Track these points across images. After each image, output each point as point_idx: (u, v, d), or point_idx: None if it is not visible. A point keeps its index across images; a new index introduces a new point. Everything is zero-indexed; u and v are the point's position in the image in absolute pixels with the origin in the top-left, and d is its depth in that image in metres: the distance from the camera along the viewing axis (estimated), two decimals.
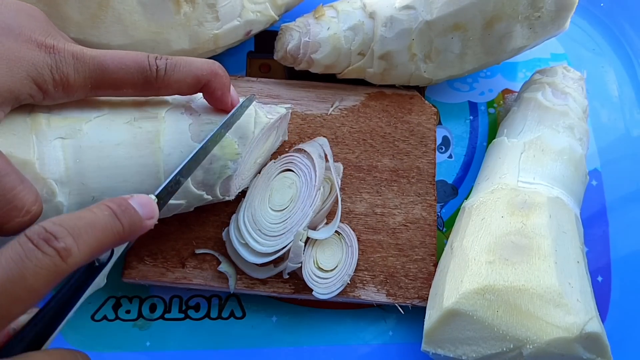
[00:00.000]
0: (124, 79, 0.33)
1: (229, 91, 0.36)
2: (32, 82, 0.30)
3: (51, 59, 0.31)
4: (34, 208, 0.29)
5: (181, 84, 0.34)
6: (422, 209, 0.45)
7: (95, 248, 0.26)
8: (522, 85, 0.49)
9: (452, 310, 0.35)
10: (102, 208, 0.27)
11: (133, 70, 0.33)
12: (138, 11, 0.40)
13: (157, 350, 0.43)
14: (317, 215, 0.41)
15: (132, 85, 0.33)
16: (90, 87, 0.33)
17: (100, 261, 0.29)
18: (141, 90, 0.34)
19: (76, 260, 0.25)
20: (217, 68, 0.35)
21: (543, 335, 0.33)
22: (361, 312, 0.44)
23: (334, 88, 0.48)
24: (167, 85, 0.34)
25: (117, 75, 0.32)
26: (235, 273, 0.42)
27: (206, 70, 0.35)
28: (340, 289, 0.41)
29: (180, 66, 0.34)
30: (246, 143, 0.37)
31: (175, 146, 0.35)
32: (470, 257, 0.37)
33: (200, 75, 0.34)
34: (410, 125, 0.47)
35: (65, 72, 0.31)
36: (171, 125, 0.35)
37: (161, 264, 0.42)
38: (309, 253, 0.41)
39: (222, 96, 0.36)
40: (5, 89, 0.29)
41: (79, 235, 0.25)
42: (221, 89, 0.35)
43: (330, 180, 0.42)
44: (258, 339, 0.43)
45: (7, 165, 0.29)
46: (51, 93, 0.32)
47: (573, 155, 0.42)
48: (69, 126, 0.33)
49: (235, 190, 0.40)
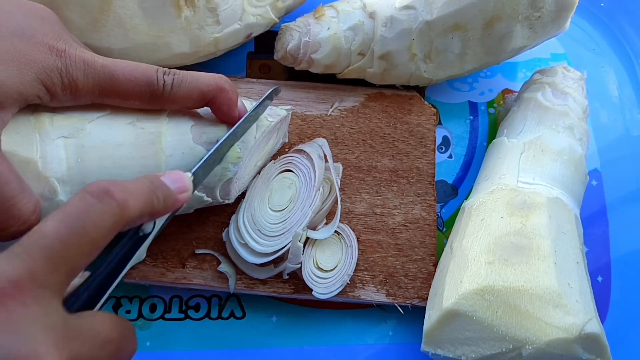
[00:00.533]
0: (132, 90, 0.33)
1: (236, 106, 0.36)
2: (40, 84, 0.31)
3: (61, 62, 0.31)
4: (32, 218, 0.30)
5: (186, 99, 0.35)
6: (422, 209, 0.45)
7: (144, 210, 0.27)
8: (522, 85, 0.49)
9: (451, 310, 0.35)
10: (140, 180, 0.28)
11: (142, 83, 0.33)
12: (139, 15, 0.40)
13: (157, 350, 0.43)
14: (316, 216, 0.41)
15: (139, 97, 0.34)
16: (98, 94, 0.33)
17: (144, 231, 0.30)
18: (148, 102, 0.34)
19: (131, 214, 0.27)
20: (224, 83, 0.35)
21: (542, 335, 0.33)
22: (361, 312, 0.44)
23: (334, 89, 0.48)
24: (173, 101, 0.34)
25: (126, 86, 0.33)
26: (235, 273, 0.42)
27: (212, 86, 0.35)
28: (340, 288, 0.41)
29: (186, 82, 0.34)
30: (248, 147, 0.37)
31: (177, 147, 0.35)
32: (470, 258, 0.37)
33: (206, 90, 0.35)
34: (410, 126, 0.47)
35: (74, 77, 0.32)
36: (173, 127, 0.35)
37: (161, 264, 0.42)
38: (308, 253, 0.41)
39: (229, 110, 0.36)
40: (14, 91, 0.30)
41: (131, 194, 0.27)
42: (227, 104, 0.36)
43: (330, 180, 0.42)
44: (258, 339, 0.44)
45: (10, 172, 0.29)
46: (59, 96, 0.32)
47: (573, 155, 0.42)
48: (72, 125, 0.33)
49: (235, 193, 0.40)
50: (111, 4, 0.39)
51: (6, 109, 0.30)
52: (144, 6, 0.40)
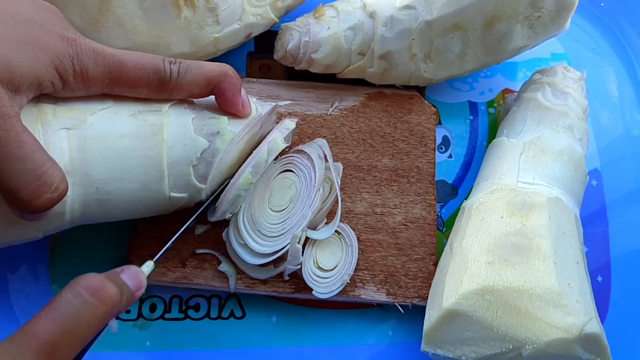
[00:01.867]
0: (140, 78, 0.34)
1: (240, 92, 0.37)
2: (54, 69, 0.31)
3: (72, 50, 0.32)
4: (62, 185, 0.30)
5: (193, 85, 0.35)
6: (422, 209, 0.45)
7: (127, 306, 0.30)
8: (522, 85, 0.49)
9: (451, 310, 0.35)
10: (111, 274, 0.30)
11: (149, 71, 0.34)
12: (139, 15, 0.40)
13: (157, 350, 0.43)
14: (317, 215, 0.41)
15: (147, 85, 0.34)
16: (108, 83, 0.34)
17: None
18: (155, 91, 0.35)
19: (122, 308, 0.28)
20: (228, 70, 0.36)
21: (542, 336, 0.33)
22: (361, 312, 0.44)
23: (334, 88, 0.48)
24: (180, 88, 0.35)
25: (134, 74, 0.34)
26: (235, 273, 0.42)
27: (217, 72, 0.36)
28: (340, 288, 0.41)
29: (192, 69, 0.35)
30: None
31: (178, 139, 0.35)
32: (470, 258, 0.37)
33: (211, 77, 0.36)
34: (410, 125, 0.47)
35: (85, 64, 0.32)
36: (175, 119, 0.36)
37: (162, 263, 0.42)
38: (308, 253, 0.41)
39: (233, 97, 0.37)
40: (30, 74, 0.30)
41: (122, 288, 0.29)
42: (232, 89, 0.36)
43: (330, 180, 0.42)
44: (258, 338, 0.44)
45: (36, 142, 0.30)
46: (71, 83, 0.32)
47: (573, 155, 0.42)
48: (75, 117, 0.33)
49: (213, 185, 0.39)
50: (111, 4, 0.39)
51: (23, 92, 0.30)
52: (144, 6, 0.40)
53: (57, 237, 0.44)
